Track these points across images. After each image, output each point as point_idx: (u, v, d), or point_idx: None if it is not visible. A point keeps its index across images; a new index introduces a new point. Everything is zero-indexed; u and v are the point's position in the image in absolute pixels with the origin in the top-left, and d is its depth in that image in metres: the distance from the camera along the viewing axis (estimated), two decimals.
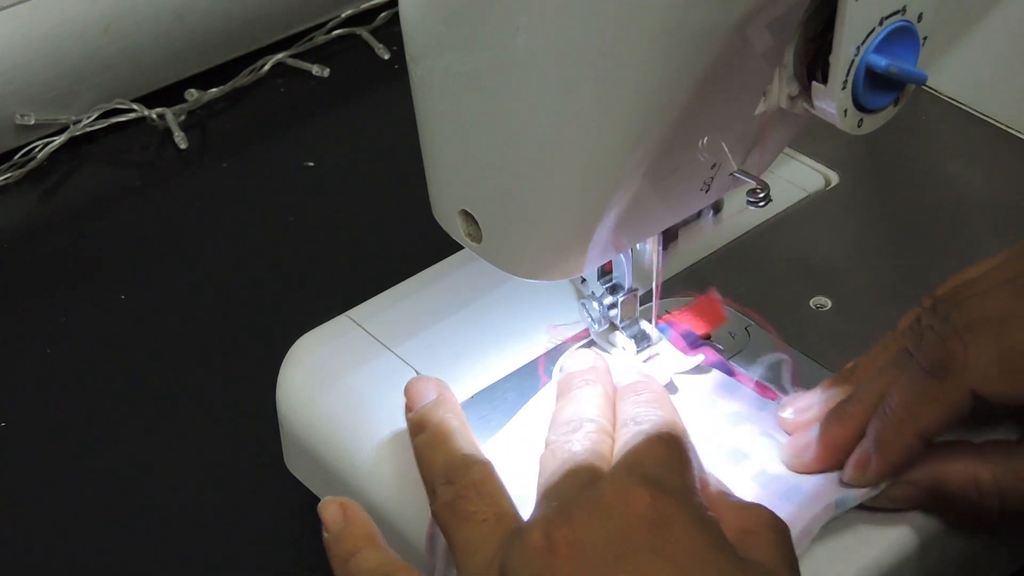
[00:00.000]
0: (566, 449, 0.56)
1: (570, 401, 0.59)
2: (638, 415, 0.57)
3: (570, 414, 0.58)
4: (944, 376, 0.56)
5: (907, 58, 0.54)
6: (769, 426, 0.62)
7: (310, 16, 1.04)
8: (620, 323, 0.64)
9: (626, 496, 0.50)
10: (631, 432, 0.56)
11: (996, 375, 0.56)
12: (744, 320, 0.67)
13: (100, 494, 0.73)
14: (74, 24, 0.93)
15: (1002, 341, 0.56)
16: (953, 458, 0.58)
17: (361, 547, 0.55)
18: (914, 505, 0.59)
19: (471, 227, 0.57)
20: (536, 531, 0.50)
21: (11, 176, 0.93)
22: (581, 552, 0.49)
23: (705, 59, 0.51)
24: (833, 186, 0.76)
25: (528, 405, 0.63)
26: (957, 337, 0.56)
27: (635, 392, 0.59)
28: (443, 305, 0.68)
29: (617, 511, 0.50)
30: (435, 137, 0.56)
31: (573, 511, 0.50)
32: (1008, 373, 0.56)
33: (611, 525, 0.49)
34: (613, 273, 0.63)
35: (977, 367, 0.56)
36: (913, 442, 0.57)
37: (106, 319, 0.83)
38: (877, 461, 0.58)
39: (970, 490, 0.58)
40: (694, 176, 0.56)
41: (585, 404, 0.58)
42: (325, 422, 0.64)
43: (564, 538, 0.49)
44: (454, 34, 0.53)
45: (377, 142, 0.96)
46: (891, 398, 0.58)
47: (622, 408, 0.58)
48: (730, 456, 0.61)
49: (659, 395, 0.59)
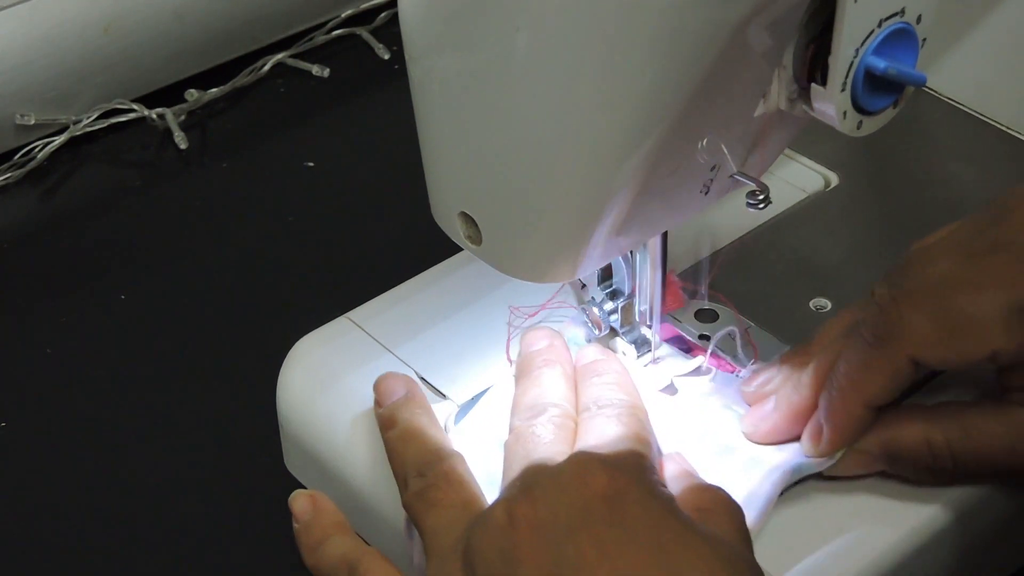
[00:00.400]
0: (530, 436, 0.57)
1: (532, 384, 0.60)
2: (600, 398, 0.59)
3: (532, 398, 0.60)
4: (884, 345, 0.57)
5: (906, 60, 0.54)
6: (730, 400, 0.63)
7: (310, 16, 1.04)
8: (620, 329, 0.64)
9: (584, 475, 0.51)
10: (593, 416, 0.58)
11: (933, 340, 0.56)
12: (744, 321, 0.67)
13: (100, 494, 0.73)
14: (74, 24, 0.93)
15: (937, 306, 0.57)
16: (904, 422, 0.59)
17: (330, 535, 0.58)
18: (870, 471, 0.60)
19: (471, 229, 0.57)
20: (498, 510, 0.52)
21: (11, 176, 0.93)
22: (540, 527, 0.50)
23: (704, 61, 0.51)
24: (833, 187, 0.76)
25: (494, 388, 0.63)
26: (895, 305, 0.57)
27: (596, 373, 0.60)
28: (443, 307, 0.68)
29: (575, 488, 0.51)
30: (435, 138, 0.56)
31: (533, 490, 0.52)
32: (944, 337, 0.56)
33: (568, 500, 0.51)
34: (613, 279, 0.63)
35: (914, 334, 0.57)
36: (860, 411, 0.58)
37: (106, 319, 0.83)
38: (828, 432, 0.59)
39: (922, 452, 0.59)
40: (694, 178, 0.56)
41: (546, 387, 0.60)
42: (325, 422, 0.65)
43: (524, 515, 0.51)
44: (454, 34, 0.53)
45: (377, 142, 0.96)
46: (838, 369, 0.59)
47: (584, 390, 0.60)
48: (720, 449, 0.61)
49: (619, 375, 0.61)
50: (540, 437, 0.57)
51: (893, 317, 0.57)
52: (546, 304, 0.67)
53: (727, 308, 0.67)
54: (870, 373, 0.58)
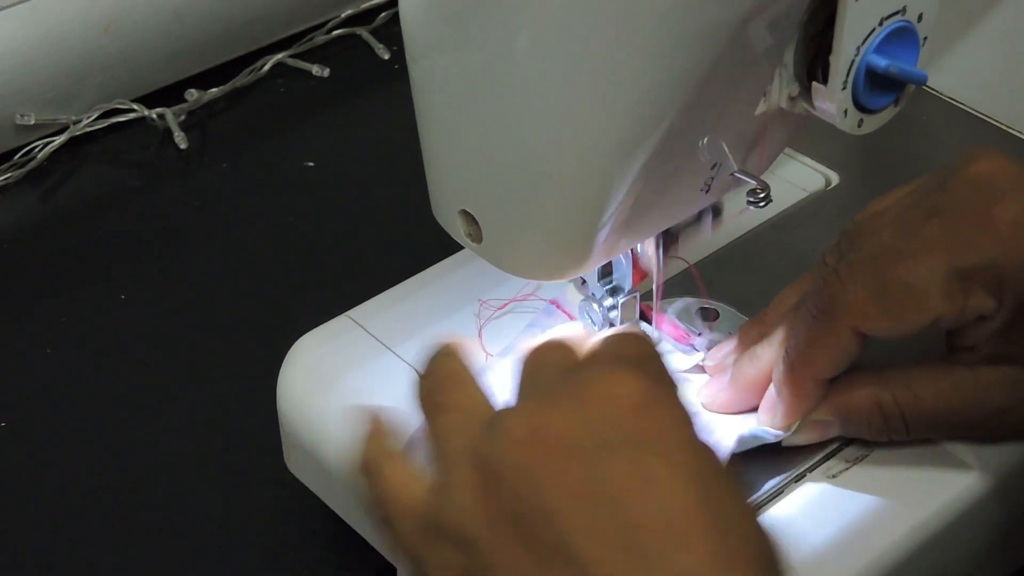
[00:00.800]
0: (539, 345, 0.53)
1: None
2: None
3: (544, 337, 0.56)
4: (828, 318, 0.58)
5: (907, 58, 0.54)
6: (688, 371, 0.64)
7: (310, 16, 1.04)
8: (620, 325, 0.64)
9: (610, 378, 0.48)
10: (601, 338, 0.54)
11: (875, 312, 0.57)
12: (744, 320, 0.67)
13: (100, 494, 0.73)
14: (74, 24, 0.93)
15: (877, 277, 0.57)
16: (854, 388, 0.60)
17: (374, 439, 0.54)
18: (826, 438, 0.61)
19: (471, 227, 0.57)
20: (518, 419, 0.48)
21: (11, 176, 0.93)
22: (567, 440, 0.46)
23: (705, 59, 0.51)
24: (833, 186, 0.76)
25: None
26: (836, 278, 0.58)
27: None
28: (443, 305, 0.68)
29: (599, 396, 0.47)
30: (435, 137, 0.56)
31: (554, 398, 0.48)
32: (885, 308, 0.57)
33: (596, 411, 0.47)
34: (613, 275, 0.63)
35: (856, 306, 0.57)
36: (810, 385, 0.59)
37: (106, 319, 0.83)
38: (783, 405, 0.60)
39: (874, 415, 0.59)
40: (694, 176, 0.56)
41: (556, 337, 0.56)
42: (325, 422, 0.64)
43: (548, 426, 0.47)
44: (454, 34, 0.53)
45: (377, 142, 0.96)
46: (788, 343, 0.59)
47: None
48: None
49: None
50: (550, 342, 0.52)
51: (835, 290, 0.58)
52: (515, 298, 0.68)
53: (727, 307, 0.68)
54: (817, 347, 0.58)
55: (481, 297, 0.68)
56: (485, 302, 0.67)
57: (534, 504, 0.46)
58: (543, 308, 0.66)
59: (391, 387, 0.64)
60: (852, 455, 0.61)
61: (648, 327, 0.65)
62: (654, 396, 0.47)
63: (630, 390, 0.47)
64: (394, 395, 0.64)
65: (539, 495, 0.46)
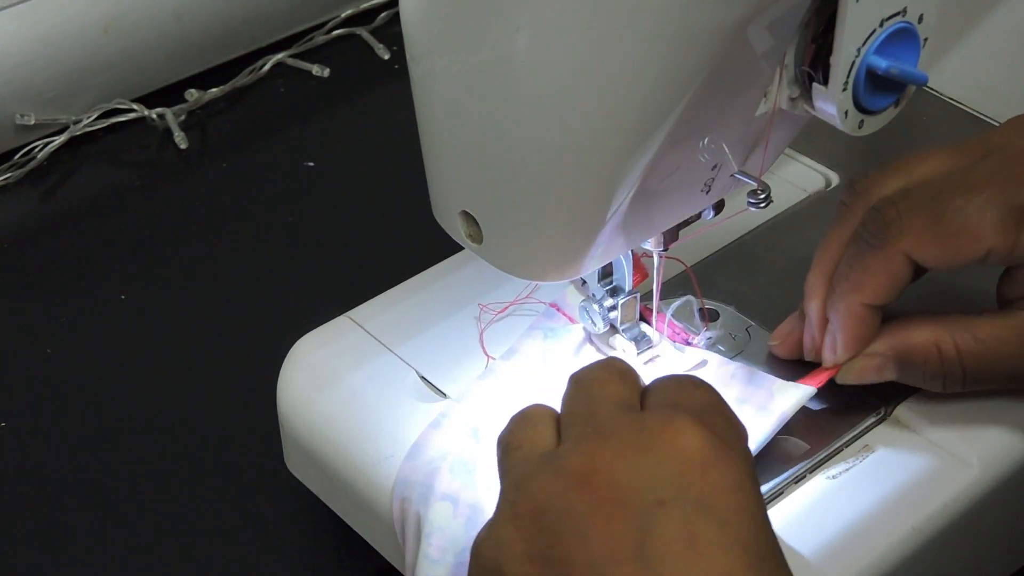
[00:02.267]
0: (594, 379, 0.51)
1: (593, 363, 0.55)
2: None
3: (596, 366, 0.53)
4: (882, 245, 0.58)
5: (908, 59, 0.54)
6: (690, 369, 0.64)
7: (310, 16, 1.04)
8: (620, 325, 0.64)
9: (672, 428, 0.46)
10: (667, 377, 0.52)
11: (928, 238, 0.58)
12: (744, 321, 0.67)
13: (100, 494, 0.73)
14: (74, 24, 0.93)
15: (933, 207, 0.58)
16: (914, 327, 0.60)
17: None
18: (882, 378, 0.61)
19: (472, 228, 0.57)
20: (574, 457, 0.46)
21: (11, 176, 0.93)
22: (621, 489, 0.45)
23: (706, 60, 0.51)
24: (834, 187, 0.76)
25: (475, 387, 0.63)
26: (892, 206, 0.58)
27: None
28: (443, 305, 0.68)
29: (663, 444, 0.46)
30: (435, 137, 0.56)
31: (613, 439, 0.46)
32: (940, 236, 0.58)
33: (655, 462, 0.45)
34: (614, 275, 0.63)
35: (910, 233, 0.58)
36: (861, 311, 0.60)
37: (106, 319, 0.83)
38: (840, 334, 0.60)
39: (932, 356, 0.60)
40: (695, 177, 0.56)
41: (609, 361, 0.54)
42: (325, 422, 0.64)
43: (601, 468, 0.45)
44: (454, 34, 0.52)
45: (377, 142, 0.96)
46: (839, 272, 0.60)
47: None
48: None
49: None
50: (600, 376, 0.51)
51: (890, 216, 0.58)
52: (515, 301, 0.68)
53: (727, 307, 0.68)
54: (868, 274, 0.59)
55: (481, 300, 0.68)
56: (485, 306, 0.67)
57: (574, 549, 0.45)
58: (543, 311, 0.66)
59: (391, 387, 0.64)
60: (852, 455, 0.61)
61: (648, 327, 0.65)
62: (716, 454, 0.46)
63: (694, 445, 0.46)
64: (394, 395, 0.64)
65: (582, 542, 0.45)
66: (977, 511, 0.60)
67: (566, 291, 0.66)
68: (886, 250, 0.58)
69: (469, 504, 0.58)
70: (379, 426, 0.63)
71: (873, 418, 0.62)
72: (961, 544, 0.61)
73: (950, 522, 0.60)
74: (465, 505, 0.58)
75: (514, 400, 0.59)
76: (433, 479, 0.59)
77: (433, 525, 0.58)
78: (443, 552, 0.57)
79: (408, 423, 0.63)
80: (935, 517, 0.59)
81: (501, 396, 0.63)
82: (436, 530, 0.58)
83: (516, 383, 0.63)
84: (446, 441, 0.61)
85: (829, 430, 0.62)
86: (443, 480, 0.59)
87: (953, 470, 0.60)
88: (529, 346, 0.65)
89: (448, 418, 0.62)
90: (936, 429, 0.62)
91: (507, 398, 0.62)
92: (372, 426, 0.63)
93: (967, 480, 0.60)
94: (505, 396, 0.62)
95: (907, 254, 0.58)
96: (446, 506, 0.58)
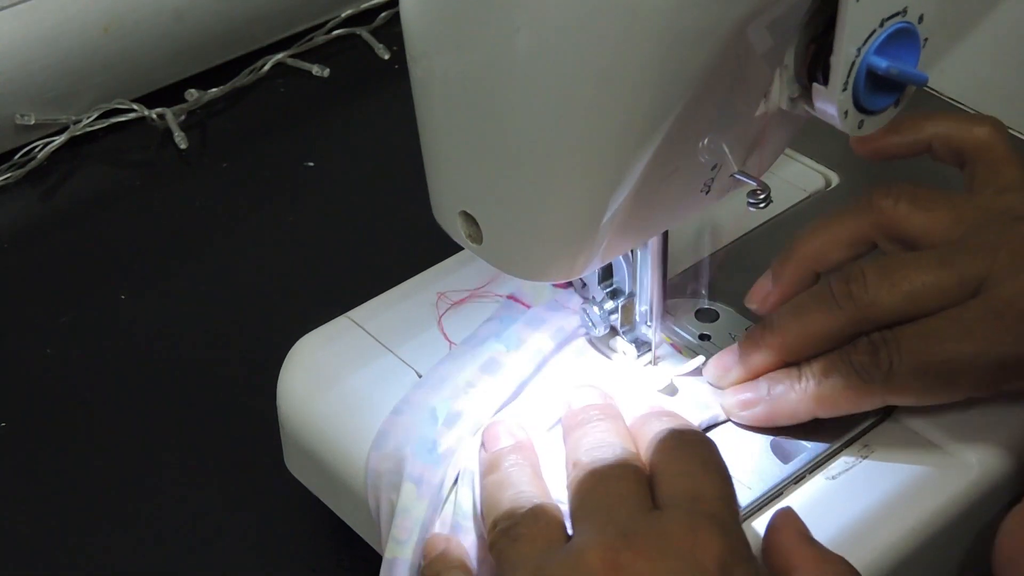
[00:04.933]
0: (606, 471, 0.54)
1: (592, 428, 0.58)
2: (680, 431, 0.56)
3: (596, 440, 0.57)
4: (870, 381, 0.59)
5: (908, 59, 0.54)
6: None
7: (310, 16, 1.05)
8: (620, 328, 0.64)
9: (694, 535, 0.49)
10: (677, 454, 0.55)
11: (915, 386, 0.59)
12: (744, 321, 0.67)
13: (100, 494, 0.73)
14: (74, 24, 0.93)
15: (925, 352, 0.58)
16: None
17: (448, 568, 0.56)
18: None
19: (471, 228, 0.57)
20: (597, 552, 0.49)
21: (11, 176, 0.93)
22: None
23: (706, 60, 0.51)
24: (833, 187, 0.76)
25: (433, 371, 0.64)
26: (885, 348, 0.59)
27: (658, 416, 0.58)
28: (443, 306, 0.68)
29: (686, 550, 0.49)
30: (435, 138, 0.56)
31: (636, 539, 0.49)
32: (926, 384, 0.59)
33: (678, 567, 0.48)
34: (614, 278, 0.63)
35: (899, 378, 0.59)
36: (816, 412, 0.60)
37: (106, 319, 0.83)
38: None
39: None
40: (694, 177, 0.56)
41: (610, 433, 0.57)
42: (325, 422, 0.64)
43: (625, 567, 0.48)
44: (454, 34, 0.52)
45: (377, 142, 0.96)
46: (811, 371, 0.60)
47: (649, 427, 0.57)
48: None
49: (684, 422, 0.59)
50: (617, 474, 0.54)
51: (883, 361, 0.59)
52: (473, 293, 0.68)
53: (727, 307, 0.68)
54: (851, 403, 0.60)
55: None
56: (443, 294, 0.68)
57: None
58: (503, 302, 0.67)
59: (391, 387, 0.64)
60: (852, 455, 0.61)
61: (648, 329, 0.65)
62: (735, 560, 0.49)
63: (715, 551, 0.48)
64: (394, 396, 0.64)
65: None
66: (977, 511, 0.60)
67: (522, 282, 0.67)
68: (872, 390, 0.59)
69: (432, 484, 0.59)
70: (379, 426, 0.63)
71: (873, 418, 0.62)
72: (961, 544, 0.61)
73: (950, 522, 0.60)
74: (428, 485, 0.59)
75: (471, 383, 0.62)
76: (402, 465, 0.60)
77: (399, 507, 0.59)
78: (409, 533, 0.58)
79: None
80: (935, 517, 0.59)
81: (458, 379, 0.63)
82: (401, 511, 0.59)
83: (473, 367, 0.64)
84: (408, 426, 0.61)
85: (829, 430, 0.62)
86: (408, 464, 0.60)
87: (953, 470, 0.60)
88: (486, 330, 0.66)
89: (408, 403, 0.63)
90: (936, 429, 0.62)
91: (464, 380, 0.63)
92: (372, 426, 0.63)
93: (967, 480, 0.60)
94: (462, 380, 0.63)
95: (892, 394, 0.59)
96: (410, 487, 0.59)
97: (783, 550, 0.53)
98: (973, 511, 0.60)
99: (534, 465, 0.58)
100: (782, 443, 0.61)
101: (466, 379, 0.63)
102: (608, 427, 0.57)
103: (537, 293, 0.67)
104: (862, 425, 0.62)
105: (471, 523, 0.58)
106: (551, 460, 0.59)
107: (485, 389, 0.62)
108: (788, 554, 0.53)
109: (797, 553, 0.53)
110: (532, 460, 0.58)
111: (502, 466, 0.58)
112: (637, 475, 0.54)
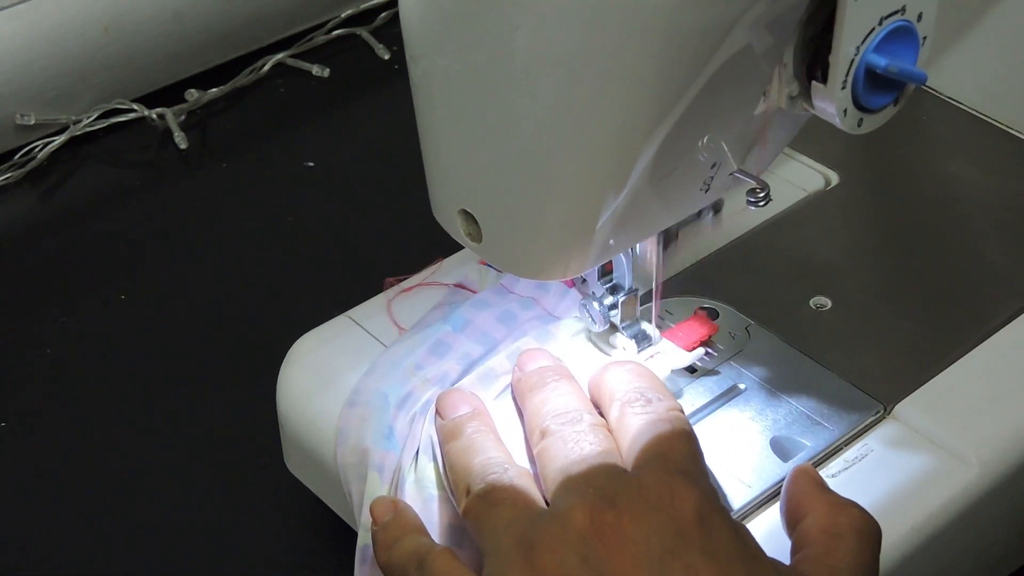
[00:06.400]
0: (576, 437, 0.55)
1: (552, 392, 0.59)
2: (641, 389, 0.57)
3: (560, 405, 0.58)
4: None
5: (907, 58, 0.54)
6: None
7: (310, 16, 1.05)
8: (620, 323, 0.64)
9: (671, 491, 0.51)
10: (642, 417, 0.56)
11: None
12: (744, 320, 0.67)
13: (100, 494, 0.73)
14: (74, 24, 0.93)
15: None
16: None
17: (406, 533, 0.56)
18: None
19: (471, 227, 0.57)
20: (579, 513, 0.51)
21: (11, 176, 0.93)
22: (629, 541, 0.50)
23: (705, 59, 0.51)
24: (833, 186, 0.76)
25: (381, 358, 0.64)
26: None
27: (623, 368, 0.59)
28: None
29: (665, 504, 0.51)
30: (435, 137, 0.56)
31: (617, 499, 0.51)
32: None
33: (660, 519, 0.50)
34: (613, 273, 0.63)
35: None
36: None
37: (106, 319, 0.83)
38: None
39: None
40: (694, 176, 0.56)
41: (570, 397, 0.58)
42: (325, 422, 0.64)
43: (610, 524, 0.50)
44: (454, 34, 0.53)
45: (377, 142, 0.96)
46: None
47: (616, 380, 0.58)
48: None
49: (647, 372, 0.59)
50: (590, 440, 0.55)
51: None
52: (421, 283, 0.68)
53: (727, 307, 0.68)
54: None
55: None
56: (393, 280, 0.69)
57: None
58: (449, 289, 0.68)
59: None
60: (852, 455, 0.61)
61: (648, 326, 0.65)
62: (711, 509, 0.51)
63: (692, 503, 0.51)
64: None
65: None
66: (977, 511, 0.60)
67: (467, 271, 0.68)
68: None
69: (391, 469, 0.60)
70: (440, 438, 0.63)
71: (873, 417, 0.62)
72: (961, 544, 0.61)
73: (950, 522, 0.60)
74: (389, 471, 0.60)
75: (420, 366, 0.63)
76: (365, 457, 0.60)
77: (366, 495, 0.59)
78: None
79: None
80: (935, 517, 0.59)
81: (407, 363, 0.64)
82: (368, 499, 0.59)
83: (422, 350, 0.64)
84: (365, 416, 0.61)
85: (829, 430, 0.62)
86: (370, 455, 0.60)
87: (953, 470, 0.60)
88: (432, 316, 0.66)
89: (359, 393, 0.63)
90: (936, 428, 0.62)
91: (413, 363, 0.64)
92: None
93: (967, 480, 0.60)
94: (410, 363, 0.64)
95: None
96: (374, 476, 0.60)
97: (798, 497, 0.54)
98: (973, 511, 0.60)
99: (495, 431, 0.59)
100: (782, 441, 0.62)
101: (414, 362, 0.63)
102: (567, 389, 0.59)
103: (483, 280, 0.67)
104: (862, 424, 0.62)
105: (439, 491, 0.58)
106: (503, 427, 0.60)
107: (434, 370, 0.63)
108: (802, 500, 0.54)
109: (811, 499, 0.54)
110: (492, 426, 0.59)
111: (464, 432, 0.58)
112: (608, 440, 0.56)
